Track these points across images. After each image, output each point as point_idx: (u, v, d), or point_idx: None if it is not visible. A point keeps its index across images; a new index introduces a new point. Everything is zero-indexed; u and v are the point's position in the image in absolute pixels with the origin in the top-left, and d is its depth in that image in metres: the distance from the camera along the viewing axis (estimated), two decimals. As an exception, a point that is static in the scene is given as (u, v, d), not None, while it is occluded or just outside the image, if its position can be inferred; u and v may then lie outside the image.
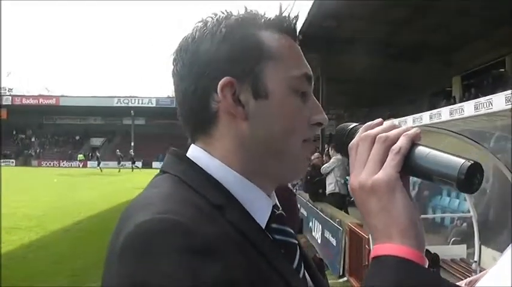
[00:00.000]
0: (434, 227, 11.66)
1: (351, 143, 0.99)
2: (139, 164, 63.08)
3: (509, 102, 2.61)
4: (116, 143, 73.08)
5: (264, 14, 1.11)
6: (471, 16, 16.47)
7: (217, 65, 1.04)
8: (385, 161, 0.93)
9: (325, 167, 12.72)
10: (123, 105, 71.71)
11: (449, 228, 9.67)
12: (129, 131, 70.29)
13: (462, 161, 0.88)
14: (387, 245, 0.89)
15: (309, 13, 16.63)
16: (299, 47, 1.14)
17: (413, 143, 0.94)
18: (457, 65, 22.36)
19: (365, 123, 1.02)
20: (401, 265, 0.87)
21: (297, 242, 1.13)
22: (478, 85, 21.33)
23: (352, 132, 1.03)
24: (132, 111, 69.54)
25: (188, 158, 1.08)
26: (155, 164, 59.05)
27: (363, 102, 24.21)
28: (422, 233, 0.92)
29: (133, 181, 30.54)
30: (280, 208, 1.14)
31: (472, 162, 0.87)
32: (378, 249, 0.90)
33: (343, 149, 1.03)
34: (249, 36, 1.06)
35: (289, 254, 1.08)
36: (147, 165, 61.55)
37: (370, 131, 0.97)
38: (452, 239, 8.63)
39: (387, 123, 0.99)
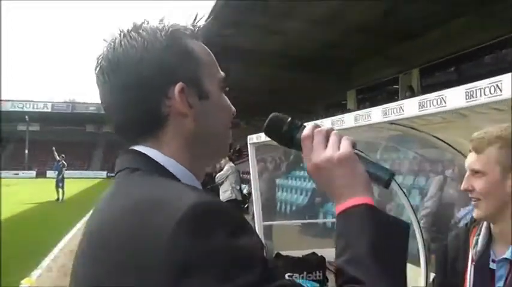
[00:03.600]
0: (324, 231, 12.15)
1: (304, 134, 1.23)
2: (32, 173, 60.41)
3: (386, 115, 2.84)
4: (9, 151, 69.93)
5: (186, 24, 1.24)
6: (367, 33, 17.10)
7: (165, 74, 1.15)
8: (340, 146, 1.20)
9: (219, 176, 12.87)
10: (17, 109, 68.65)
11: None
12: (24, 138, 66.98)
13: (389, 169, 1.25)
14: (353, 199, 1.15)
15: (206, 20, 16.71)
16: None
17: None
18: (352, 79, 23.16)
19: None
20: (371, 209, 1.14)
21: None
22: (372, 99, 22.23)
23: (295, 125, 1.28)
24: (26, 117, 66.70)
25: (150, 157, 1.17)
26: (49, 173, 56.62)
27: (259, 111, 24.56)
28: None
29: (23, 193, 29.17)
30: None
31: (393, 171, 1.24)
32: (345, 204, 1.16)
33: (281, 136, 1.30)
34: (185, 45, 1.20)
35: None
36: (41, 174, 59.14)
37: (322, 127, 1.24)
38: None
39: (328, 126, 1.28)
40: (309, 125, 1.26)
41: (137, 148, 1.19)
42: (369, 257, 1.07)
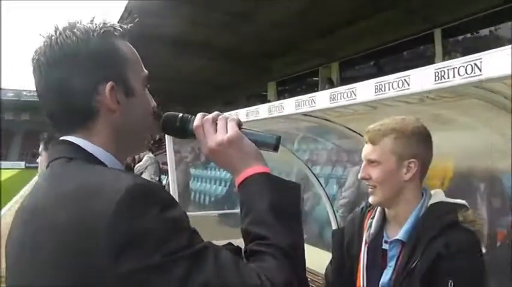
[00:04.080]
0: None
1: (195, 125, 1.41)
2: None
3: (299, 107, 2.90)
4: None
5: (113, 24, 1.34)
6: (288, 27, 17.20)
7: (97, 72, 1.27)
8: (227, 128, 1.38)
9: (138, 167, 12.69)
10: None
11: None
12: None
13: (274, 134, 1.44)
14: (248, 170, 1.34)
15: (126, 8, 16.40)
16: None
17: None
18: (273, 71, 23.27)
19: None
20: (265, 175, 1.33)
21: None
22: (292, 91, 22.46)
23: (185, 119, 1.43)
24: None
25: (80, 147, 1.28)
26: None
27: (180, 101, 24.35)
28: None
29: None
30: None
31: (279, 135, 1.43)
32: (242, 176, 1.35)
33: (176, 131, 1.45)
34: (115, 45, 1.32)
35: None
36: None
37: (209, 116, 1.41)
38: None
39: (214, 113, 1.43)
40: (197, 116, 1.42)
41: (69, 138, 1.30)
42: (270, 215, 1.25)
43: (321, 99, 2.80)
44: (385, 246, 2.22)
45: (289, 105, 3.05)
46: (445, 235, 2.00)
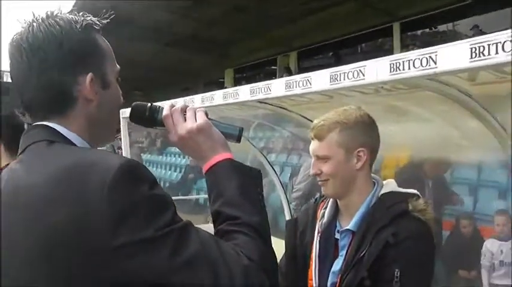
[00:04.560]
0: (196, 207, 12.28)
1: (164, 115, 1.48)
2: None
3: (254, 94, 2.91)
4: None
5: (92, 18, 1.40)
6: (247, 14, 17.13)
7: (79, 63, 1.33)
8: (196, 117, 1.46)
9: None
10: None
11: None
12: None
13: (237, 126, 1.53)
14: (216, 157, 1.42)
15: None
16: None
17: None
18: (231, 58, 23.17)
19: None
20: (230, 161, 1.42)
21: None
22: (250, 79, 22.42)
23: (154, 109, 1.51)
24: None
25: (59, 131, 1.32)
26: None
27: (138, 87, 24.07)
28: None
29: None
30: None
31: (241, 127, 1.53)
32: (210, 162, 1.43)
33: (145, 120, 1.52)
34: (96, 39, 1.39)
35: None
36: None
37: (177, 106, 1.49)
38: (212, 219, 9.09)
39: (182, 103, 1.51)
40: (166, 106, 1.50)
41: (45, 123, 1.33)
42: (239, 198, 1.35)
43: (277, 87, 2.80)
44: (337, 235, 2.25)
45: (244, 92, 3.04)
46: (394, 224, 2.03)
